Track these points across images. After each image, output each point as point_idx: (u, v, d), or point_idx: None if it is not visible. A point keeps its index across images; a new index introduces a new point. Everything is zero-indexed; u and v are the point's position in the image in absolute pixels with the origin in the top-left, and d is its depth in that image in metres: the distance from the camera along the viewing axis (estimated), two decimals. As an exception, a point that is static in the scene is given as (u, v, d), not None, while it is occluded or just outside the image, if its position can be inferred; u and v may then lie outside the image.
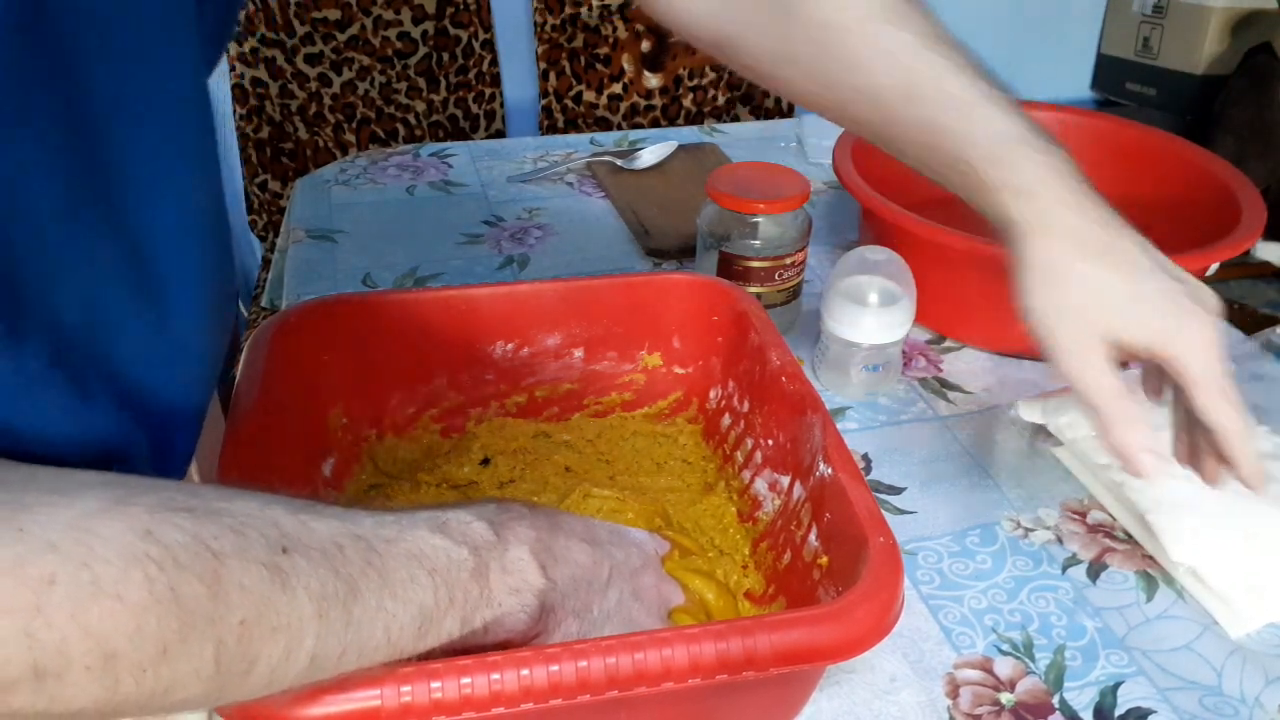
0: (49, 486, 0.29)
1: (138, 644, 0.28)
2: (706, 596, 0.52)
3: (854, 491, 0.47)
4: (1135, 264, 0.48)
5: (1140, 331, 0.47)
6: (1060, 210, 0.48)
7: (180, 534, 0.30)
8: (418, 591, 0.37)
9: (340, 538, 0.35)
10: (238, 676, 0.31)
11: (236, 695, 0.33)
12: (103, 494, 0.29)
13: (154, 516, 0.29)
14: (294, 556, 0.33)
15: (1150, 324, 0.47)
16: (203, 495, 0.32)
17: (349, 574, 0.35)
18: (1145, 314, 0.47)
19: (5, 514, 0.27)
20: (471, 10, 1.45)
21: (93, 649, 0.28)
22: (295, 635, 0.32)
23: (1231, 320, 0.85)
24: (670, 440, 0.66)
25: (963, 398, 0.75)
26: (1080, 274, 0.48)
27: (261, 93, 1.43)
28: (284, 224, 1.01)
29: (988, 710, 0.51)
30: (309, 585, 0.33)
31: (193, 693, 0.31)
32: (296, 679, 0.34)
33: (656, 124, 1.57)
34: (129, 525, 0.29)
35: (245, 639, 0.31)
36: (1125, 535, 0.62)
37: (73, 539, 0.28)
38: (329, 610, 0.33)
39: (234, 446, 0.50)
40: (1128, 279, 0.48)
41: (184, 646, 0.29)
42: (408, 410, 0.65)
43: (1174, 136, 0.90)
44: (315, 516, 0.35)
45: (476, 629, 0.39)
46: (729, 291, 0.65)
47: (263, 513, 0.33)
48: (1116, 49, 1.82)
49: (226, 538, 0.31)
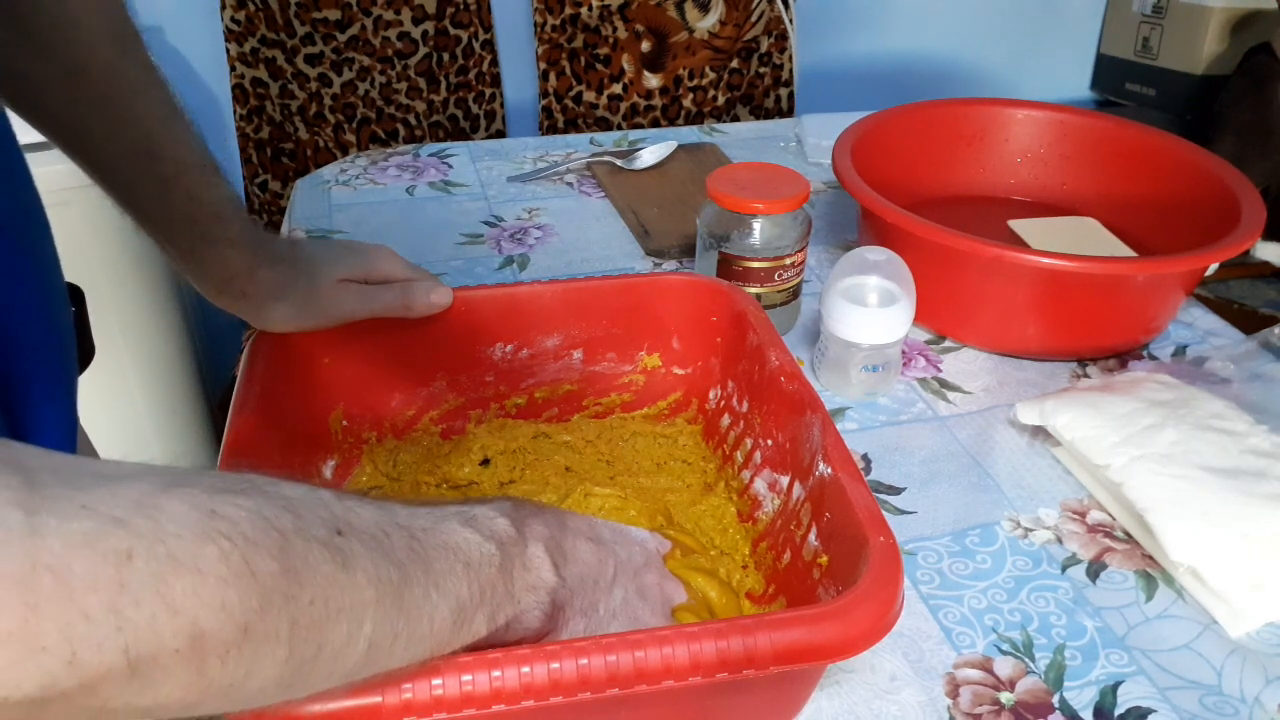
0: (99, 472, 0.28)
1: (222, 621, 0.27)
2: (709, 594, 0.52)
3: (854, 491, 0.47)
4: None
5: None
6: (262, 249, 0.58)
7: (243, 511, 0.29)
8: (455, 583, 0.37)
9: (384, 525, 0.35)
10: (307, 663, 0.31)
11: (302, 685, 0.32)
12: (155, 478, 0.28)
13: (213, 497, 0.29)
14: (349, 539, 0.33)
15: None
16: (251, 480, 0.32)
17: (399, 560, 0.34)
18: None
19: (64, 493, 0.25)
20: (471, 10, 1.45)
21: (182, 628, 0.26)
22: (356, 619, 0.32)
23: (1231, 320, 0.85)
24: (670, 441, 0.66)
25: (962, 398, 0.75)
26: (311, 277, 0.59)
27: (261, 93, 1.43)
28: (284, 224, 1.01)
29: (988, 710, 0.51)
30: (366, 568, 0.33)
31: (268, 678, 0.30)
32: (352, 669, 0.33)
33: (656, 124, 1.57)
34: (193, 504, 0.28)
35: (314, 620, 0.30)
36: (1125, 535, 0.62)
37: (141, 515, 0.26)
38: (385, 595, 0.33)
39: (234, 447, 0.50)
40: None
41: (263, 625, 0.29)
42: (408, 412, 0.65)
43: (1174, 136, 0.90)
44: (358, 503, 0.35)
45: (499, 626, 0.39)
46: (728, 292, 0.65)
47: (311, 497, 0.33)
48: (1116, 49, 1.82)
49: (285, 517, 0.31)
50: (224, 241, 0.56)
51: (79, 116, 0.51)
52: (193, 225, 0.55)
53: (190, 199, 0.54)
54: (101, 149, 0.52)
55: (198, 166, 0.54)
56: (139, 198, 0.54)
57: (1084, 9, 1.83)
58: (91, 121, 0.51)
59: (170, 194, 0.54)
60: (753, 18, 1.54)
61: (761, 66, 1.59)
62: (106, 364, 1.28)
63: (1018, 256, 0.73)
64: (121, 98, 0.51)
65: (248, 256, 0.57)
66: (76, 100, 0.50)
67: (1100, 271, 0.73)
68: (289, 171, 1.48)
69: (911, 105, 0.97)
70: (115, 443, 1.32)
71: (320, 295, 0.59)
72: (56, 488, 0.25)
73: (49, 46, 0.49)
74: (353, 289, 0.60)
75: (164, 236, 0.56)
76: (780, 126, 1.23)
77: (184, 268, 0.57)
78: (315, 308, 0.59)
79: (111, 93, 0.51)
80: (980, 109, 0.98)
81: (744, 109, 1.62)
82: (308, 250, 0.60)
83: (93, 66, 0.50)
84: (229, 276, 0.57)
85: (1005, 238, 0.91)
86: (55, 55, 0.49)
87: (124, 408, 1.31)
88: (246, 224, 0.57)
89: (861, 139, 0.88)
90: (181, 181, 0.53)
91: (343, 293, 0.59)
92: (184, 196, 0.54)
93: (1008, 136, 0.98)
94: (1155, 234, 0.89)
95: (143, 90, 0.52)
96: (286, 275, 0.58)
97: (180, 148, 0.53)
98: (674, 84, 1.56)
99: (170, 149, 0.53)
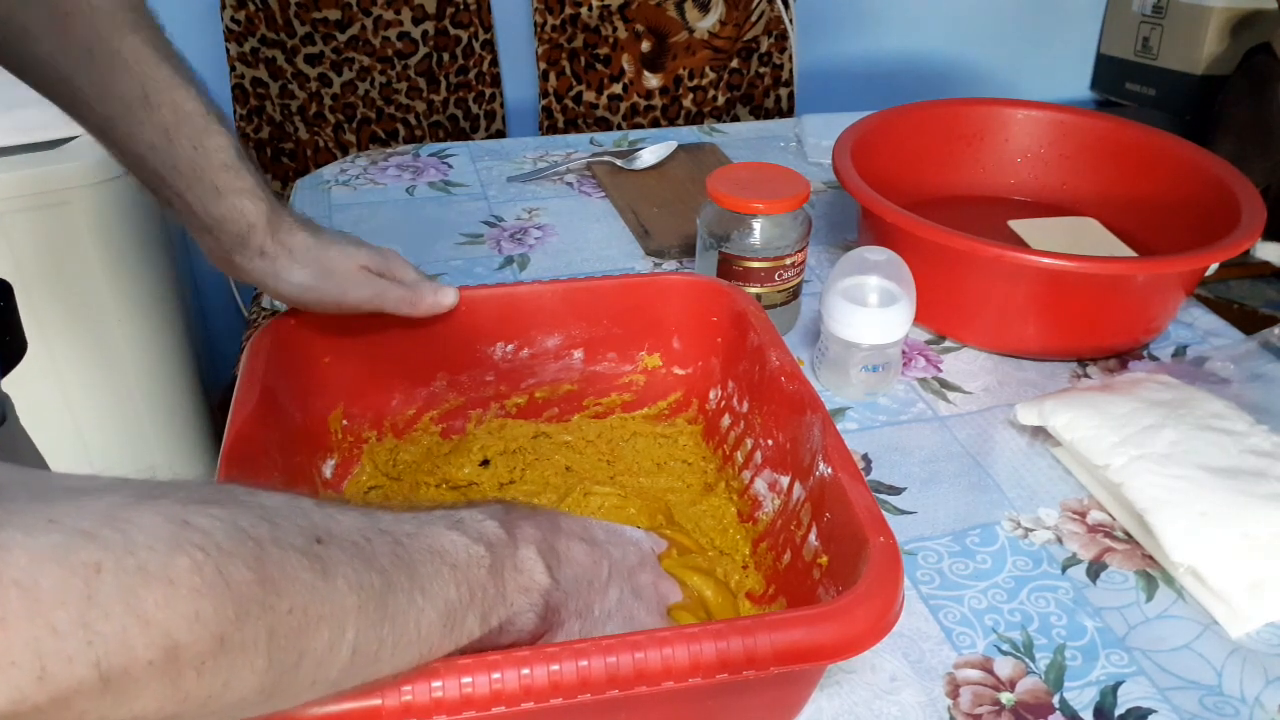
0: (69, 486, 0.27)
1: (196, 633, 0.27)
2: (705, 593, 0.52)
3: (854, 491, 0.47)
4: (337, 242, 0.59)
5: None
6: (282, 209, 0.56)
7: (217, 522, 0.29)
8: (442, 586, 0.36)
9: (366, 531, 0.35)
10: (288, 671, 0.31)
11: (285, 695, 0.32)
12: (126, 490, 0.28)
13: (186, 508, 0.28)
14: (329, 547, 0.32)
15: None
16: (228, 490, 0.32)
17: (382, 566, 0.34)
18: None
19: (31, 507, 0.25)
20: (471, 10, 1.45)
21: (154, 640, 0.26)
22: (338, 626, 0.32)
23: (1231, 320, 0.85)
24: (670, 441, 0.66)
25: (962, 398, 0.75)
26: (332, 253, 0.58)
27: (261, 93, 1.43)
28: (284, 224, 1.01)
29: (988, 710, 0.51)
30: (346, 575, 0.32)
31: (248, 688, 0.30)
32: (338, 676, 0.33)
33: (656, 124, 1.57)
34: (164, 515, 0.28)
35: (293, 629, 0.30)
36: (1125, 535, 0.62)
37: (110, 528, 0.26)
38: (367, 602, 0.33)
39: (234, 447, 0.50)
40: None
41: (240, 634, 0.28)
42: (408, 412, 0.65)
43: (1174, 136, 0.90)
44: (339, 510, 0.35)
45: (493, 628, 0.39)
46: (728, 292, 0.65)
47: (290, 505, 0.33)
48: (1116, 49, 1.82)
49: (262, 526, 0.30)
50: (238, 192, 0.53)
51: (68, 65, 0.49)
52: (201, 177, 0.52)
53: (196, 148, 0.51)
54: (95, 101, 0.50)
55: (200, 114, 0.51)
56: (140, 150, 0.51)
57: (1084, 9, 1.83)
58: (81, 70, 0.49)
59: (173, 145, 0.51)
60: (753, 18, 1.54)
61: (761, 66, 1.59)
62: (107, 364, 1.28)
63: (1018, 256, 0.73)
64: (109, 43, 0.49)
65: (266, 209, 0.54)
66: (63, 49, 0.48)
67: (1100, 271, 0.73)
68: (289, 171, 1.48)
69: (911, 105, 0.97)
70: (116, 443, 1.32)
71: (339, 274, 0.57)
72: (22, 502, 0.25)
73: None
74: (369, 278, 0.59)
75: (171, 192, 0.52)
76: (780, 126, 1.23)
77: (195, 226, 0.54)
78: (332, 284, 0.57)
79: (99, 38, 0.48)
80: (980, 109, 0.98)
81: (744, 109, 1.62)
82: (328, 231, 0.59)
83: (76, 11, 0.48)
84: (245, 231, 0.54)
85: (1005, 238, 0.91)
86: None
87: (124, 408, 1.31)
88: (261, 177, 0.54)
89: (861, 139, 0.88)
90: (184, 130, 0.51)
91: (361, 278, 0.58)
92: (188, 146, 0.51)
93: (1008, 136, 0.98)
94: (1155, 234, 0.89)
95: (131, 33, 0.49)
96: (308, 241, 0.56)
97: (179, 94, 0.51)
98: (674, 84, 1.56)
99: (168, 96, 0.50)
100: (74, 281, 1.21)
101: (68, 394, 1.26)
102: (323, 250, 0.57)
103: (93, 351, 1.26)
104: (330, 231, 0.59)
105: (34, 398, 1.26)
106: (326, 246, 0.57)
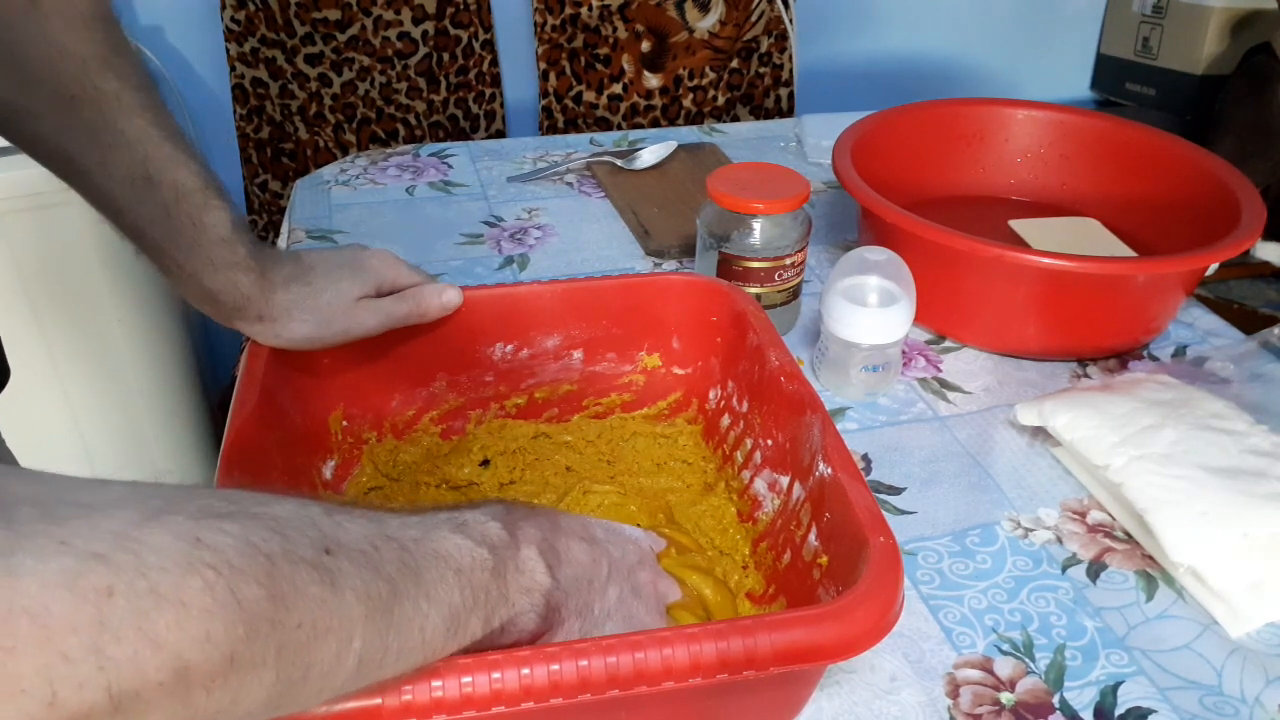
0: (78, 500, 0.27)
1: (207, 653, 0.27)
2: (704, 592, 0.52)
3: (854, 491, 0.47)
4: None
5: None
6: (272, 266, 0.57)
7: (229, 538, 0.29)
8: (447, 591, 0.36)
9: (374, 539, 0.35)
10: (296, 684, 0.31)
11: (291, 704, 0.32)
12: (139, 505, 0.28)
13: (199, 524, 0.28)
14: (338, 558, 0.32)
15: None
16: (238, 500, 0.32)
17: (389, 574, 0.34)
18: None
19: (42, 529, 0.25)
20: (471, 10, 1.45)
21: (166, 662, 0.26)
22: (345, 637, 0.32)
23: (1231, 320, 0.85)
24: (670, 441, 0.66)
25: (962, 398, 0.75)
26: (327, 297, 0.59)
27: (261, 93, 1.43)
28: (284, 224, 1.01)
29: (988, 710, 0.51)
30: (355, 586, 0.32)
31: (256, 702, 0.30)
32: (343, 685, 0.33)
33: (656, 124, 1.57)
34: (176, 533, 0.28)
35: (302, 642, 0.30)
36: (1125, 535, 0.62)
37: (121, 549, 0.26)
38: (374, 611, 0.33)
39: (234, 448, 0.50)
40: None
41: (250, 652, 0.28)
42: (408, 412, 0.65)
43: (1174, 136, 0.90)
44: (347, 517, 0.35)
45: (495, 629, 0.39)
46: (728, 292, 0.65)
47: (300, 515, 0.33)
48: (1116, 49, 1.82)
49: (273, 540, 0.30)
50: (232, 266, 0.54)
51: (72, 145, 0.50)
52: (199, 251, 0.54)
53: (194, 224, 0.53)
54: (97, 177, 0.51)
55: (199, 190, 0.53)
56: (140, 226, 0.53)
57: (1084, 9, 1.83)
58: (85, 150, 0.50)
59: (173, 220, 0.52)
60: (753, 18, 1.54)
61: (761, 66, 1.59)
62: (107, 365, 1.28)
63: (1018, 256, 0.73)
64: (114, 125, 0.50)
65: (259, 280, 0.56)
66: (68, 129, 0.49)
67: (1100, 271, 0.73)
68: (289, 171, 1.48)
69: (911, 105, 0.97)
70: (116, 444, 1.32)
71: (339, 315, 0.58)
72: (34, 524, 0.25)
73: (36, 76, 0.48)
74: (370, 305, 0.59)
75: (170, 263, 0.54)
76: (780, 126, 1.23)
77: (193, 295, 0.56)
78: (336, 327, 0.58)
79: (104, 120, 0.49)
80: (980, 109, 0.98)
81: (744, 109, 1.62)
82: (319, 268, 0.59)
83: (83, 95, 0.49)
84: (242, 302, 0.56)
85: (1005, 238, 0.91)
86: (43, 84, 0.48)
87: (124, 408, 1.31)
88: (254, 245, 0.56)
89: (861, 139, 0.88)
90: (183, 207, 0.52)
91: (362, 312, 0.59)
92: (187, 222, 0.53)
93: (1008, 136, 0.98)
94: (1155, 234, 0.89)
95: (137, 115, 0.50)
96: (302, 295, 0.58)
97: (180, 172, 0.52)
98: (674, 84, 1.56)
99: (169, 174, 0.51)
100: (74, 282, 1.21)
101: (68, 394, 1.26)
102: (316, 298, 0.58)
103: (93, 352, 1.26)
104: (320, 265, 0.60)
105: (34, 398, 1.26)
106: (319, 293, 0.58)
